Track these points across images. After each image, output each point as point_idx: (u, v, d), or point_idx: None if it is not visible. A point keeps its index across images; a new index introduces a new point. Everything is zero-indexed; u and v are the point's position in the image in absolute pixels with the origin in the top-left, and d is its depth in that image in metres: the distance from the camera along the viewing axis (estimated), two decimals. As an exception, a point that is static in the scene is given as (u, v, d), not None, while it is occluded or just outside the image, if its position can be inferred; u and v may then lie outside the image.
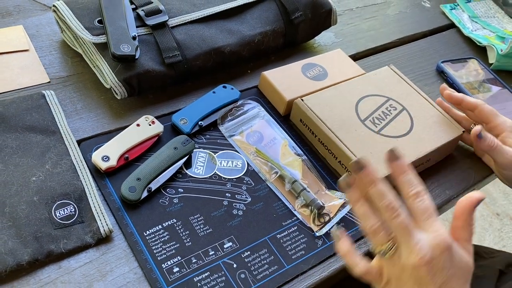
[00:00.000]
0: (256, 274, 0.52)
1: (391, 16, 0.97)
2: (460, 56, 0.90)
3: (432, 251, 0.43)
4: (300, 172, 0.61)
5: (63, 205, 0.52)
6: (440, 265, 0.44)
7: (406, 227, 0.44)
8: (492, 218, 1.76)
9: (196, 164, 0.60)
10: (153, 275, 0.50)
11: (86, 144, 0.59)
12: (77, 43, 0.68)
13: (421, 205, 0.45)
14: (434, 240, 0.44)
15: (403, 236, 0.44)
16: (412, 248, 0.44)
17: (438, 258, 0.44)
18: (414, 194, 0.45)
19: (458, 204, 0.47)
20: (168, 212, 0.55)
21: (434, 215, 0.46)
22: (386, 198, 0.45)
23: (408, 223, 0.44)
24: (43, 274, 0.48)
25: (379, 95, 0.70)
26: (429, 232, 0.44)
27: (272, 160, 0.62)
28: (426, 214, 0.45)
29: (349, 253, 0.48)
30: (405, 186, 0.46)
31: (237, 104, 0.68)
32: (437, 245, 0.44)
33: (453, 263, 0.44)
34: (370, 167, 0.45)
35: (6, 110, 0.58)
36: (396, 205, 0.45)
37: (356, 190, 0.46)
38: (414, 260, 0.43)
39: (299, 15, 0.76)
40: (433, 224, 0.45)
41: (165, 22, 0.66)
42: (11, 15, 0.73)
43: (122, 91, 0.62)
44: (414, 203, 0.45)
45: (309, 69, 0.73)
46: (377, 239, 0.46)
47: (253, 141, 0.65)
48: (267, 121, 0.67)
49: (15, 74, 0.65)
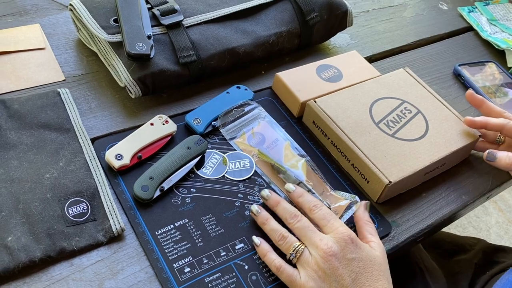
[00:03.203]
0: (267, 276, 0.52)
1: (407, 18, 0.96)
2: (478, 59, 0.89)
3: (337, 243, 0.49)
4: (305, 174, 0.61)
5: (76, 202, 0.52)
6: (348, 256, 0.49)
7: (308, 227, 0.51)
8: (508, 226, 1.73)
9: (206, 164, 0.60)
10: (164, 274, 0.50)
11: (100, 143, 0.60)
12: (92, 42, 0.68)
13: (319, 213, 0.53)
14: (336, 235, 0.50)
15: (307, 234, 0.51)
16: (317, 244, 0.49)
17: (344, 249, 0.49)
18: (312, 207, 0.53)
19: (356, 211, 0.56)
20: (180, 211, 0.55)
21: (333, 219, 0.52)
22: (290, 210, 0.53)
23: (309, 225, 0.52)
24: (55, 271, 0.48)
25: (393, 98, 0.69)
26: (331, 232, 0.51)
27: (276, 161, 0.62)
28: (325, 219, 0.52)
29: (268, 252, 0.52)
30: (304, 204, 0.54)
31: (237, 105, 0.67)
32: (340, 238, 0.49)
33: (362, 255, 0.49)
34: (273, 194, 0.55)
35: (22, 107, 0.59)
36: (298, 213, 0.53)
37: (263, 214, 0.54)
38: (322, 253, 0.49)
39: (314, 16, 0.75)
40: (333, 225, 0.51)
41: (180, 22, 0.66)
42: (28, 14, 0.74)
43: (137, 90, 0.62)
44: (313, 214, 0.53)
45: (324, 70, 0.72)
46: (285, 244, 0.51)
47: (255, 143, 0.64)
48: (269, 122, 0.67)
49: (32, 72, 0.66)
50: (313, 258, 0.49)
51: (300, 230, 0.52)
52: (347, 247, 0.49)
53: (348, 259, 0.49)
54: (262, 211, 0.55)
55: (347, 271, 0.48)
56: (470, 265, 0.77)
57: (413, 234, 0.60)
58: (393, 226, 0.60)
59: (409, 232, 0.59)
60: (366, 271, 0.49)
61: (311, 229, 0.51)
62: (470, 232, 1.67)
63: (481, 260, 0.77)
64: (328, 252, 0.48)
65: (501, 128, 0.65)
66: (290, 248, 0.51)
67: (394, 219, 0.60)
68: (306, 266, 0.50)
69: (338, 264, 0.48)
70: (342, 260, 0.48)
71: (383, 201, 0.61)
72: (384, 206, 0.60)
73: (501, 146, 0.68)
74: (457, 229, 1.66)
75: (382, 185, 0.59)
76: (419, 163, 0.61)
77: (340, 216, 0.57)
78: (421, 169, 0.61)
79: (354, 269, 0.48)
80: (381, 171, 0.59)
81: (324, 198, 0.58)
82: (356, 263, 0.49)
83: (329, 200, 0.58)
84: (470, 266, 0.77)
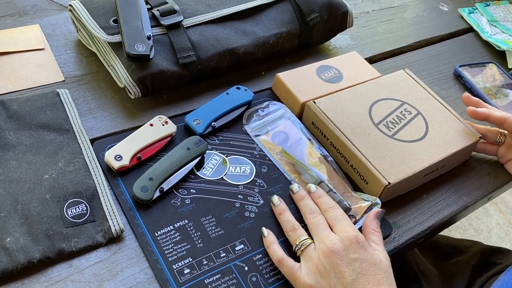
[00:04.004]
0: (267, 278, 0.52)
1: (408, 19, 0.96)
2: (479, 60, 0.89)
3: (342, 241, 0.50)
4: (326, 173, 0.61)
5: (75, 203, 0.52)
6: (351, 256, 0.49)
7: (321, 224, 0.53)
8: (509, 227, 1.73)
9: (206, 165, 0.60)
10: (163, 276, 0.50)
11: (99, 143, 0.59)
12: (92, 43, 0.68)
13: (332, 214, 0.54)
14: (343, 234, 0.51)
15: (317, 230, 0.52)
16: (323, 240, 0.51)
17: (348, 248, 0.49)
18: (328, 208, 0.55)
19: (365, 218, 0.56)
20: (180, 212, 0.55)
21: (344, 220, 0.53)
22: (310, 207, 0.55)
23: (322, 222, 0.53)
24: (53, 272, 0.48)
25: (393, 99, 0.69)
26: (339, 231, 0.52)
27: (298, 160, 0.62)
28: (336, 219, 0.53)
29: (272, 244, 0.53)
30: (321, 205, 0.56)
31: (262, 105, 0.68)
32: (346, 238, 0.50)
33: (366, 257, 0.49)
34: (301, 189, 0.58)
35: (21, 108, 0.59)
36: (318, 210, 0.55)
37: (282, 205, 0.57)
38: (324, 248, 0.50)
39: (314, 17, 0.75)
40: (342, 225, 0.52)
41: (180, 22, 0.66)
42: (28, 14, 0.74)
43: (136, 90, 0.62)
44: (327, 214, 0.54)
45: (324, 71, 0.72)
46: (294, 235, 0.53)
47: (279, 141, 0.64)
48: (293, 122, 0.67)
49: (31, 72, 0.65)
50: (316, 253, 0.50)
51: (313, 224, 0.53)
52: (351, 247, 0.49)
53: (350, 259, 0.49)
54: (281, 203, 0.57)
55: (348, 270, 0.48)
56: (467, 267, 0.77)
57: (413, 236, 0.59)
58: (394, 227, 0.59)
59: (410, 233, 0.59)
60: (369, 273, 0.48)
61: (323, 226, 0.53)
62: (471, 233, 1.66)
63: (478, 262, 0.77)
64: (331, 248, 0.49)
65: (503, 121, 0.65)
66: (297, 240, 0.52)
67: (395, 221, 0.60)
68: (308, 260, 0.50)
69: (340, 262, 0.48)
70: (344, 258, 0.49)
71: (384, 202, 0.61)
72: (385, 207, 0.60)
73: (500, 146, 0.68)
74: (458, 230, 1.66)
75: (381, 186, 0.59)
76: (418, 165, 0.61)
77: (360, 216, 0.57)
78: (420, 171, 0.61)
79: (356, 269, 0.48)
80: (380, 172, 0.59)
81: (345, 199, 0.59)
82: (359, 263, 0.48)
83: (350, 201, 0.58)
84: (467, 268, 0.77)
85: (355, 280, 0.47)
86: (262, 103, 0.69)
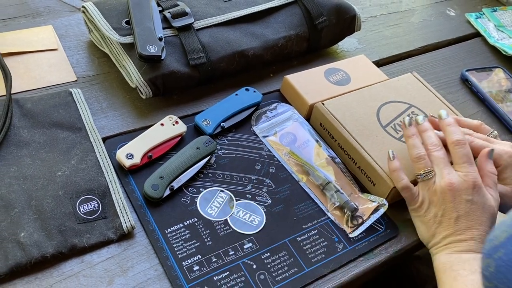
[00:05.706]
0: (275, 276, 0.52)
1: (415, 23, 0.96)
2: (485, 65, 0.89)
3: (460, 182, 0.53)
4: (333, 174, 0.62)
5: (87, 200, 0.53)
6: (464, 197, 0.53)
7: (443, 159, 0.55)
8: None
9: (211, 204, 0.57)
10: (173, 272, 0.50)
11: (111, 142, 0.60)
12: (104, 43, 0.69)
13: (460, 151, 0.55)
14: (464, 176, 0.54)
15: (439, 165, 0.55)
16: (443, 176, 0.54)
17: (463, 190, 0.53)
18: (456, 141, 0.55)
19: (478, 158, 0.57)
20: (190, 211, 0.56)
21: (468, 162, 0.54)
22: (433, 138, 0.57)
23: (445, 157, 0.55)
24: (66, 267, 0.49)
25: (401, 102, 0.70)
26: (461, 172, 0.54)
27: (306, 161, 0.63)
28: (463, 159, 0.54)
29: (397, 169, 0.58)
30: (450, 134, 0.56)
31: (270, 106, 0.69)
32: (465, 180, 0.53)
33: (478, 200, 0.53)
34: (426, 121, 0.59)
35: (34, 107, 0.60)
36: (439, 143, 0.57)
37: (412, 129, 0.59)
38: (442, 184, 0.54)
39: (323, 20, 0.76)
40: (468, 167, 0.54)
41: (191, 24, 0.67)
42: (41, 16, 0.75)
43: (147, 91, 0.63)
44: (455, 149, 0.55)
45: (332, 73, 0.73)
46: (419, 164, 0.56)
47: (287, 142, 0.65)
48: (301, 123, 0.68)
49: (44, 72, 0.67)
50: (435, 185, 0.55)
51: (435, 158, 0.56)
52: (467, 190, 0.53)
53: (462, 199, 0.53)
54: (413, 127, 0.59)
55: (456, 207, 0.53)
56: None
57: (420, 237, 0.60)
58: (400, 228, 0.60)
59: (416, 234, 0.60)
60: (475, 214, 0.53)
61: (444, 161, 0.55)
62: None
63: None
64: (449, 185, 0.53)
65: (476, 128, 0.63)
66: (423, 169, 0.56)
67: (402, 222, 0.61)
68: (426, 189, 0.56)
69: (452, 199, 0.53)
70: (457, 197, 0.53)
71: (390, 204, 0.61)
72: (391, 209, 0.61)
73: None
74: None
75: (388, 188, 0.59)
76: (426, 166, 0.62)
77: (367, 218, 0.58)
78: (428, 172, 0.61)
79: (464, 208, 0.53)
80: (387, 174, 0.60)
81: (352, 200, 0.59)
82: (469, 205, 0.53)
83: (357, 202, 0.59)
84: None
85: (460, 216, 0.53)
86: (271, 104, 0.70)
